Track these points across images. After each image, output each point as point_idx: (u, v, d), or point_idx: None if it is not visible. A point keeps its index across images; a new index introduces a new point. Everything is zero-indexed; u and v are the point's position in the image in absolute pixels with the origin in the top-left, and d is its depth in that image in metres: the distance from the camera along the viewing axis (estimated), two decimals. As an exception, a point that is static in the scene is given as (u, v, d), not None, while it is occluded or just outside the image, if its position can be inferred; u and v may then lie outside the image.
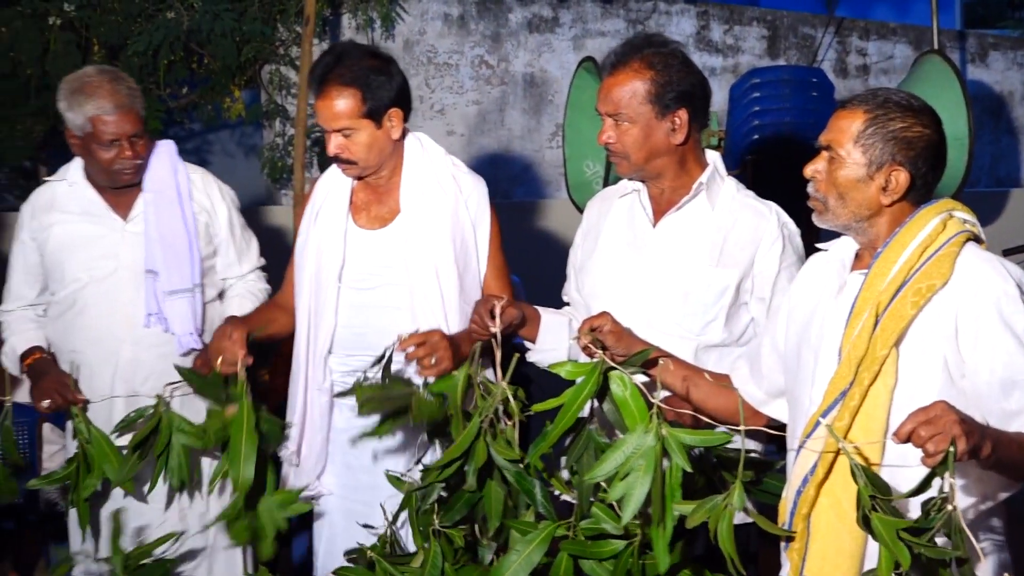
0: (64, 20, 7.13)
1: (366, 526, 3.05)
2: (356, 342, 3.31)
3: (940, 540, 2.13)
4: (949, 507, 2.10)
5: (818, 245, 2.69)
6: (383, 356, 3.00)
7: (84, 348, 3.54)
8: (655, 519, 2.32)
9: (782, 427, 2.72)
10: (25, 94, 7.17)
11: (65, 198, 3.62)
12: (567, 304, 3.37)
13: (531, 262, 7.02)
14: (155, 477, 3.15)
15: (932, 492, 2.13)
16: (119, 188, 3.59)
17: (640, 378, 2.49)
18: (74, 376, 3.41)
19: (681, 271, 3.06)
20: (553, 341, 3.20)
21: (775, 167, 5.64)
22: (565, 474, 2.69)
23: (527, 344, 3.22)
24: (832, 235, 2.65)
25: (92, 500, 3.29)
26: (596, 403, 2.55)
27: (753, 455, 2.93)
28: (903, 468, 2.25)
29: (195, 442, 3.10)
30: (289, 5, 7.29)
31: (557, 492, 2.69)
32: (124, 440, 3.20)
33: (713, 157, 3.17)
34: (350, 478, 3.35)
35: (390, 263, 3.32)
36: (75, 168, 3.65)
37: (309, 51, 6.12)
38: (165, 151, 3.64)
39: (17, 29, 6.97)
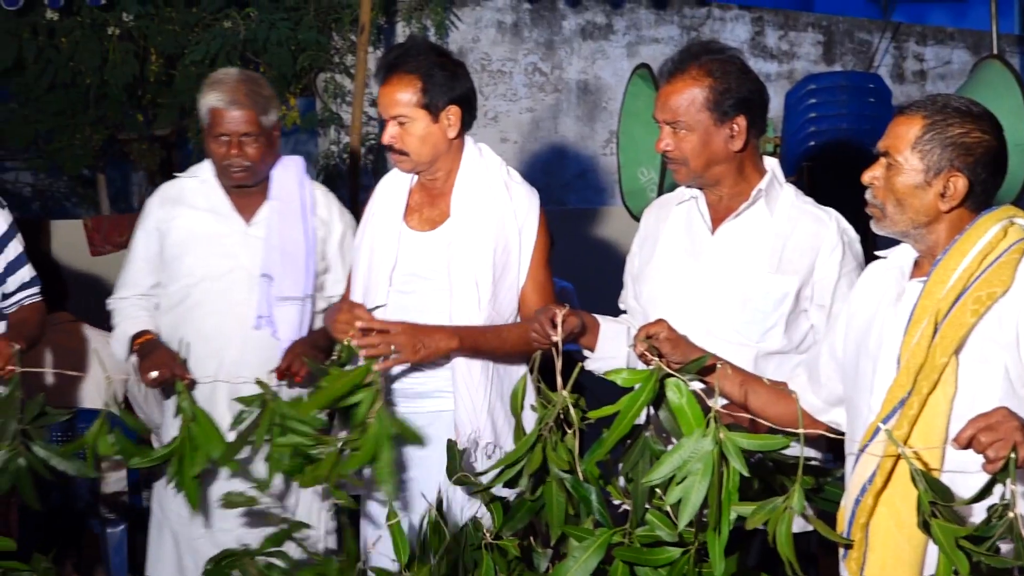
0: (123, 30, 7.23)
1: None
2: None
3: (1004, 548, 2.11)
4: (1011, 514, 2.08)
5: (877, 253, 2.67)
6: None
7: (192, 342, 3.59)
8: (711, 524, 2.31)
9: (841, 432, 2.70)
10: (85, 103, 7.28)
11: (194, 193, 3.70)
12: (623, 312, 3.37)
13: (584, 269, 7.01)
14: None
15: (993, 499, 2.11)
16: (241, 189, 3.66)
17: (697, 385, 2.48)
18: (183, 356, 3.49)
19: (740, 278, 3.04)
20: (612, 349, 3.19)
21: (831, 174, 5.60)
22: (622, 481, 2.68)
23: (585, 353, 3.23)
24: (891, 242, 2.63)
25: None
26: (652, 410, 2.55)
27: (812, 462, 2.91)
28: (963, 476, 2.22)
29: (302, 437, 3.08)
30: (344, 14, 7.34)
31: (616, 500, 2.69)
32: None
33: (771, 164, 3.16)
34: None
35: (434, 266, 3.34)
36: (207, 166, 3.74)
37: (364, 59, 6.16)
38: (294, 165, 3.72)
39: (77, 39, 7.08)
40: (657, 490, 2.42)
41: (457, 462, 2.90)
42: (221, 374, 3.54)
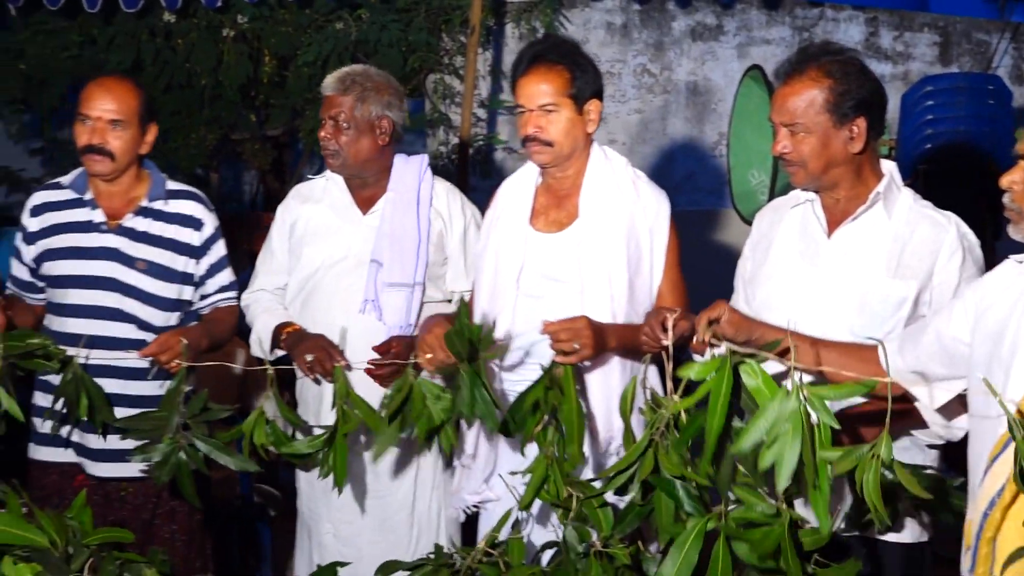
0: (237, 32, 7.34)
1: None
2: (520, 348, 3.33)
3: None
4: None
5: (1012, 257, 2.59)
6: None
7: (306, 328, 3.63)
8: (809, 482, 2.24)
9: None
10: (199, 104, 7.40)
11: (320, 191, 3.79)
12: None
13: (692, 272, 6.95)
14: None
15: None
16: (362, 183, 3.72)
17: (771, 367, 2.40)
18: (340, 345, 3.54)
19: (857, 282, 2.98)
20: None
21: (949, 177, 5.49)
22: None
23: (695, 357, 3.19)
24: (1018, 247, 2.55)
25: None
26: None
27: (928, 471, 2.85)
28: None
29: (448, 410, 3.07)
30: (454, 15, 7.37)
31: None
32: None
33: (889, 167, 3.09)
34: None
35: (564, 267, 3.34)
36: None
37: (473, 60, 6.17)
38: (417, 161, 3.77)
39: (193, 41, 7.20)
40: (741, 467, 2.37)
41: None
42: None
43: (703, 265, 7.31)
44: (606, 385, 3.31)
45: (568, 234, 3.37)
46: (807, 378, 2.34)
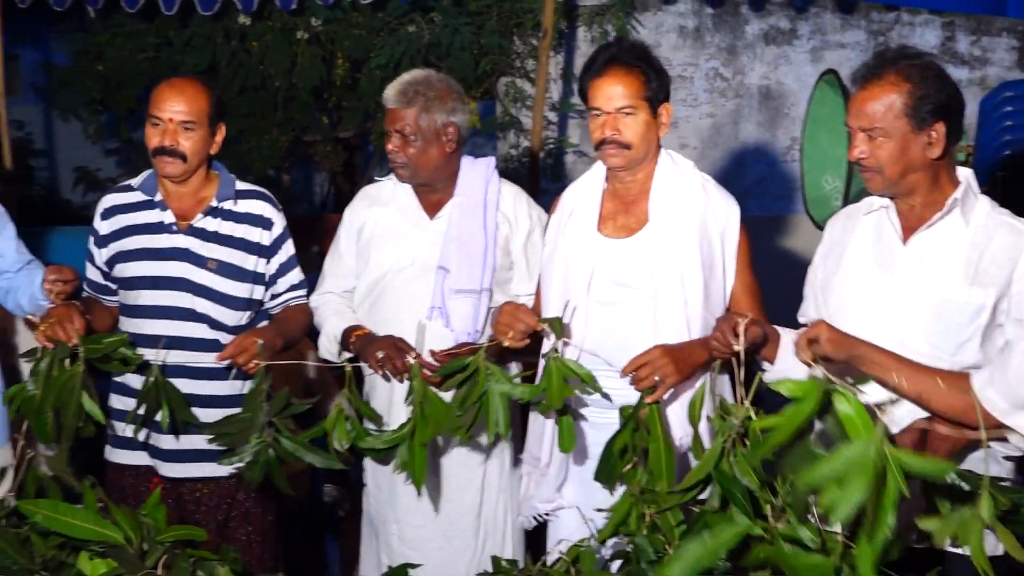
0: (311, 35, 7.40)
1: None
2: (594, 358, 3.31)
3: None
4: None
5: None
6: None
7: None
8: (865, 532, 2.21)
9: None
10: (273, 106, 7.47)
11: (388, 194, 3.79)
12: (804, 325, 3.29)
13: (763, 278, 6.89)
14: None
15: None
16: (429, 188, 3.72)
17: (866, 399, 2.38)
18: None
19: (934, 290, 2.94)
20: (793, 362, 3.13)
21: (1028, 184, 5.41)
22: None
23: (764, 365, 3.17)
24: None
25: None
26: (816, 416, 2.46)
27: (1004, 483, 2.80)
28: None
29: (512, 392, 3.06)
30: (526, 19, 7.38)
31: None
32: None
33: (966, 174, 3.04)
34: (587, 495, 3.33)
35: (635, 273, 3.31)
36: None
37: (545, 63, 6.17)
38: (484, 164, 3.76)
39: (268, 44, 7.27)
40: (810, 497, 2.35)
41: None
42: None
43: (774, 271, 7.25)
44: (674, 391, 3.28)
45: (639, 239, 3.35)
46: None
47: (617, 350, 3.22)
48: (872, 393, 2.50)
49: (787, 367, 3.13)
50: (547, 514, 3.44)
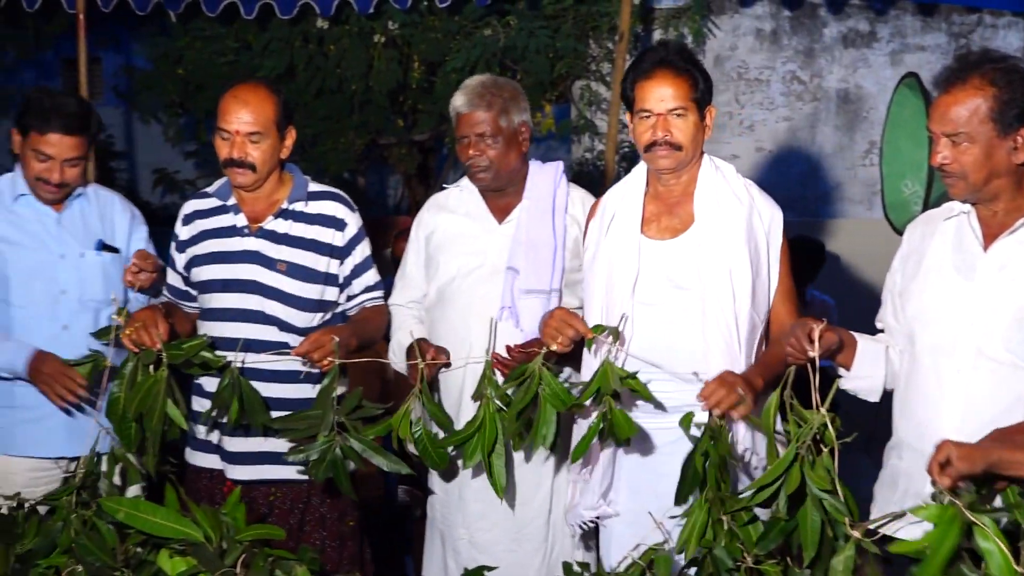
0: (388, 38, 7.44)
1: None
2: (639, 361, 3.28)
3: None
4: None
5: None
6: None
7: (443, 337, 3.67)
8: None
9: None
10: (349, 109, 7.52)
11: (455, 201, 3.82)
12: (880, 330, 3.25)
13: (840, 283, 6.83)
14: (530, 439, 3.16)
15: None
16: (498, 192, 3.74)
17: None
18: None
19: (1015, 297, 2.88)
20: (869, 369, 3.11)
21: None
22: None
23: (840, 371, 3.13)
24: None
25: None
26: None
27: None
28: None
29: (558, 405, 3.09)
30: (602, 22, 7.36)
31: None
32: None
33: (1048, 179, 2.98)
34: (636, 502, 3.32)
35: (683, 273, 3.30)
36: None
37: (622, 67, 6.13)
38: (552, 168, 3.79)
39: (345, 47, 7.32)
40: None
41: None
42: (468, 367, 3.58)
43: (852, 276, 7.21)
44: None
45: (685, 240, 3.34)
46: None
47: (665, 352, 3.22)
48: None
49: (864, 374, 3.10)
50: (594, 520, 3.42)
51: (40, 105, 3.64)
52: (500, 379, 3.25)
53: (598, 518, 3.40)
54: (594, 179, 7.45)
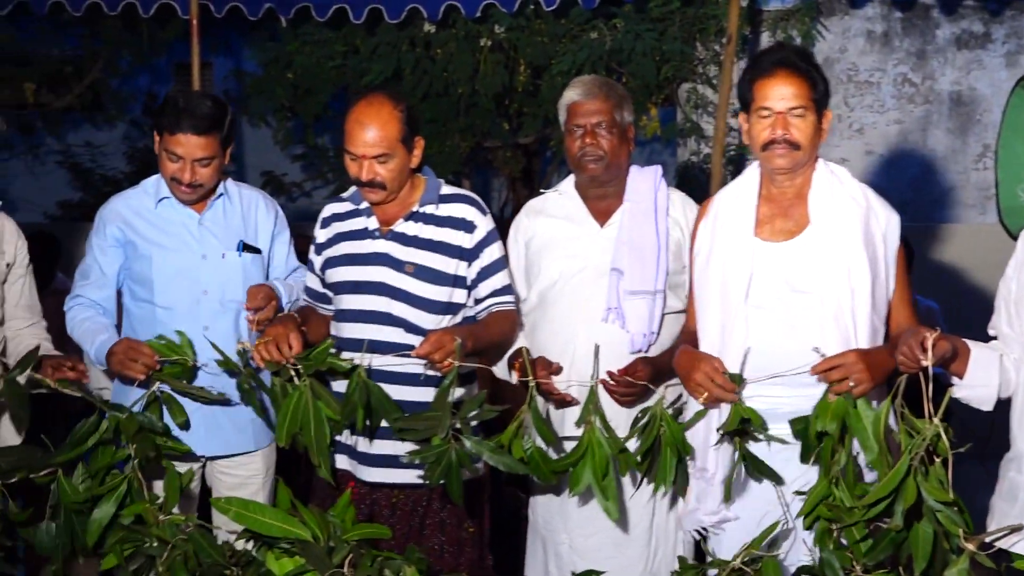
0: (494, 42, 7.46)
1: None
2: (757, 363, 3.25)
3: None
4: None
5: None
6: None
7: (546, 341, 3.68)
8: None
9: None
10: (455, 112, 7.56)
11: (554, 204, 3.84)
12: (992, 338, 3.18)
13: (949, 289, 6.70)
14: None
15: None
16: (598, 194, 3.76)
17: None
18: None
19: None
20: (984, 377, 3.05)
21: None
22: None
23: (953, 380, 3.07)
24: None
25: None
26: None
27: None
28: None
29: (682, 450, 3.14)
30: (709, 24, 7.31)
31: None
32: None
33: None
34: (754, 508, 3.29)
35: (799, 275, 3.26)
36: (568, 181, 3.88)
37: (730, 69, 6.09)
38: (651, 171, 3.80)
39: (452, 51, 7.36)
40: None
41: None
42: (572, 369, 3.60)
43: (965, 282, 7.07)
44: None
45: (800, 242, 3.29)
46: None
47: (781, 355, 3.17)
48: None
49: (978, 383, 3.04)
50: (712, 527, 3.39)
51: (173, 106, 3.70)
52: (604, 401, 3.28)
53: (716, 523, 3.37)
54: (700, 183, 7.40)
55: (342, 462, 3.64)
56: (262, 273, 3.89)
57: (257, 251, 3.89)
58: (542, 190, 3.99)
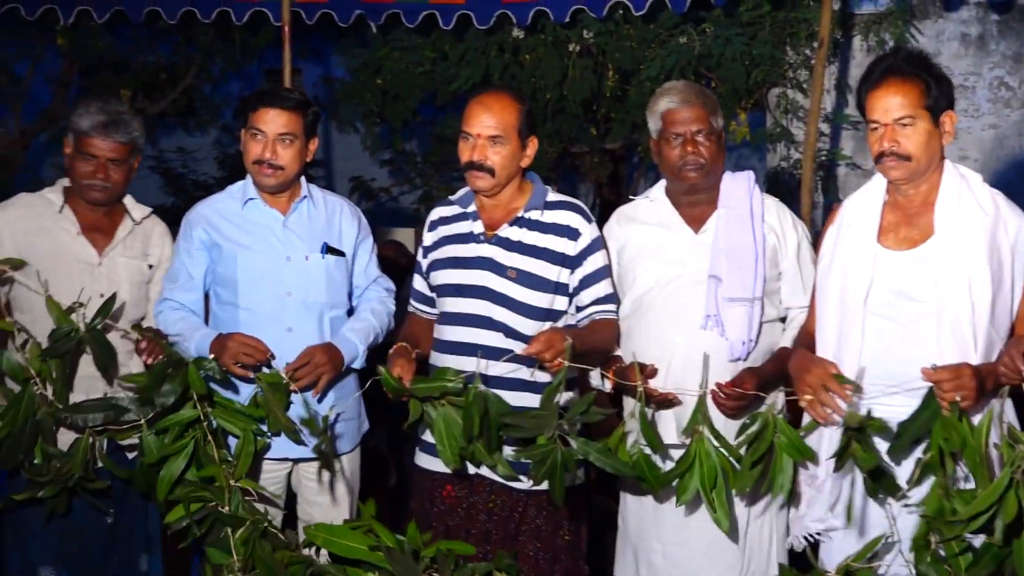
0: (583, 47, 7.45)
1: None
2: (874, 371, 3.21)
3: None
4: None
5: None
6: None
7: (642, 348, 3.64)
8: None
9: None
10: (543, 117, 7.56)
11: (646, 211, 3.82)
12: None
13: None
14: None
15: None
16: (691, 200, 3.74)
17: None
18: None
19: None
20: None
21: None
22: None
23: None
24: None
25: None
26: None
27: None
28: None
29: (795, 455, 3.10)
30: (800, 28, 7.24)
31: None
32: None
33: None
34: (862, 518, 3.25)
35: (919, 286, 3.22)
36: (658, 187, 3.86)
37: (821, 74, 6.01)
38: (745, 177, 3.77)
39: (540, 56, 7.37)
40: None
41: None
42: (669, 377, 3.56)
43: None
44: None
45: (923, 251, 3.25)
46: None
47: (896, 364, 3.13)
48: None
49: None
50: (818, 534, 3.35)
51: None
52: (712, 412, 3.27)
53: (823, 531, 3.33)
54: (790, 188, 7.33)
55: (437, 464, 3.58)
56: (345, 277, 3.93)
57: (341, 254, 3.92)
58: (631, 196, 3.97)
